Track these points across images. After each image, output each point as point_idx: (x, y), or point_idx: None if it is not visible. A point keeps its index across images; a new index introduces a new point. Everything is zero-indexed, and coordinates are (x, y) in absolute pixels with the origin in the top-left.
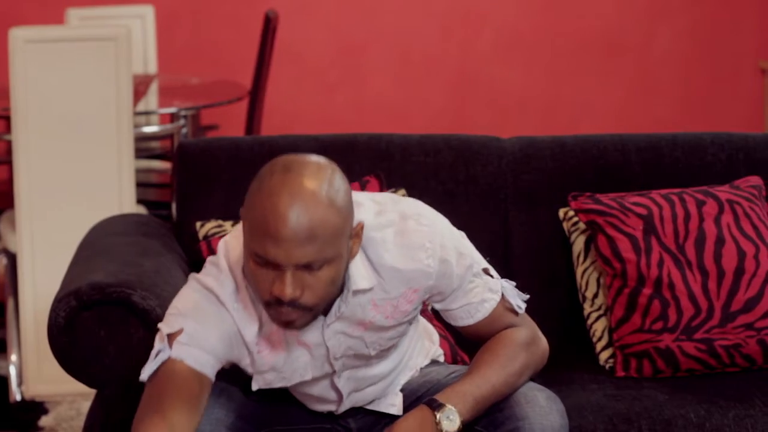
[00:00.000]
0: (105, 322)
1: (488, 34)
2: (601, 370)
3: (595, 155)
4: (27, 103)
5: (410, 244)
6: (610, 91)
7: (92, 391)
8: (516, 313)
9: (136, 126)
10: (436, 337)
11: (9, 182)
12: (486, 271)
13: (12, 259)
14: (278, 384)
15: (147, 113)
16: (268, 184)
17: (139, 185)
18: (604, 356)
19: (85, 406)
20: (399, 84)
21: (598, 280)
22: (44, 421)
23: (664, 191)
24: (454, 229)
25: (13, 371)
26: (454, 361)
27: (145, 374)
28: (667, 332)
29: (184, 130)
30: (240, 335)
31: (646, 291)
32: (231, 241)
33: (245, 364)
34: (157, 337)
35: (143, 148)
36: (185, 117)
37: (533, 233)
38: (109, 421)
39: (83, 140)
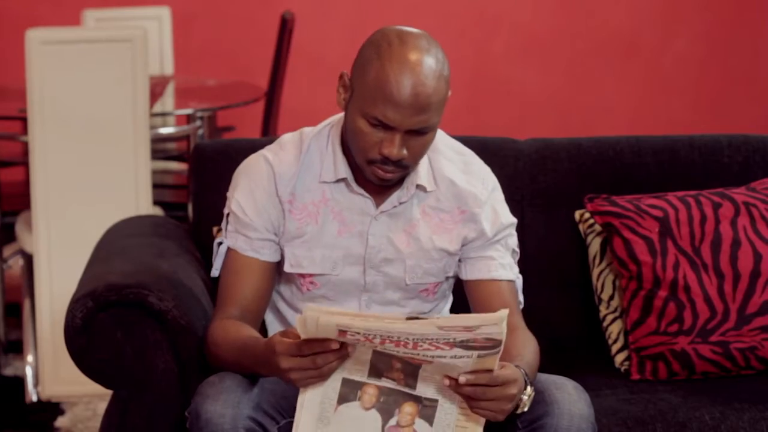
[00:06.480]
0: (121, 323)
1: (504, 36)
2: (616, 372)
3: (611, 157)
4: (43, 104)
5: (471, 172)
6: (626, 92)
7: (108, 392)
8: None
9: (153, 127)
10: None
11: (26, 183)
12: (513, 254)
13: (28, 260)
14: (308, 267)
15: (163, 114)
16: (388, 53)
17: (156, 186)
18: (619, 359)
19: (102, 407)
20: None
21: (613, 283)
22: (60, 422)
23: (680, 193)
24: None
25: (29, 372)
26: None
27: (215, 270)
28: (683, 335)
29: (200, 132)
30: (275, 190)
31: (662, 293)
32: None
33: (282, 232)
34: (223, 224)
35: (159, 149)
36: (201, 118)
37: (549, 235)
38: (125, 422)
39: (100, 142)
